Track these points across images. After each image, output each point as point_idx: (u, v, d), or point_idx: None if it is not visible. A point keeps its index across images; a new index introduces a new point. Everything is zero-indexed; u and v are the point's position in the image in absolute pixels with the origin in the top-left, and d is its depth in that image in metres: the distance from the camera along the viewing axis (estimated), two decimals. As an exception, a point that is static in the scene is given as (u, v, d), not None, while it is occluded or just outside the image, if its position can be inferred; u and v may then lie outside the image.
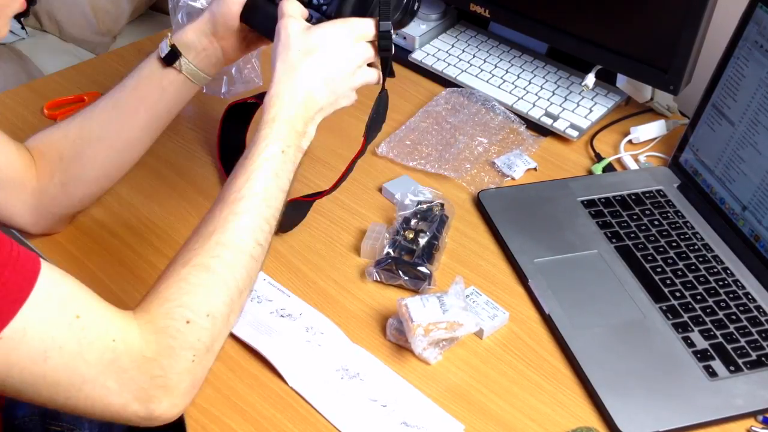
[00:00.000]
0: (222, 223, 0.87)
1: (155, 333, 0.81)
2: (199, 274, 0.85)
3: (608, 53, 1.38)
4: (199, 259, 0.85)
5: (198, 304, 0.83)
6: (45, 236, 1.15)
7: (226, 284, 0.86)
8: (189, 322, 0.82)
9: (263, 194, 0.90)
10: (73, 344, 0.77)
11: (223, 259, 0.86)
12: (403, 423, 0.96)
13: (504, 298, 1.11)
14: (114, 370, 0.78)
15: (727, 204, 1.22)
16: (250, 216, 0.88)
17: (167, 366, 0.81)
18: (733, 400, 1.00)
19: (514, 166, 1.31)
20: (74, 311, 0.77)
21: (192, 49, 1.06)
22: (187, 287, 0.84)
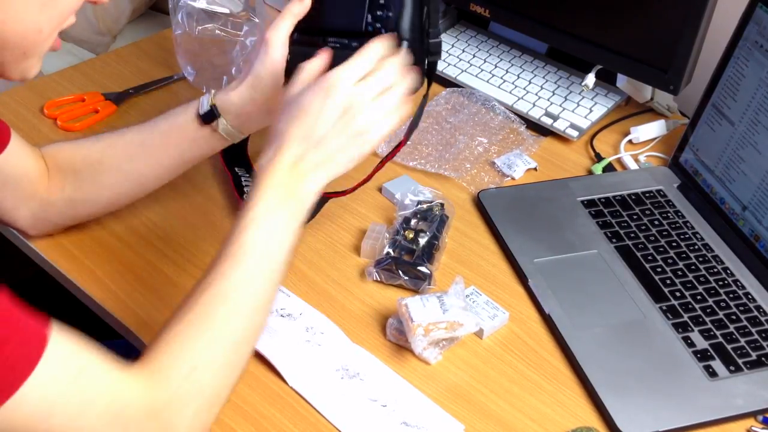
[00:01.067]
0: (217, 277, 0.86)
1: (160, 383, 0.80)
2: (199, 327, 0.84)
3: (608, 53, 1.38)
4: (193, 314, 0.84)
5: (197, 356, 0.83)
6: (45, 236, 1.15)
7: (223, 335, 0.85)
8: (190, 373, 0.82)
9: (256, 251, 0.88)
10: (78, 399, 0.76)
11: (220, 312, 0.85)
12: (403, 423, 0.96)
13: (504, 298, 1.11)
14: (120, 423, 0.78)
15: (727, 204, 1.22)
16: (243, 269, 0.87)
17: (176, 415, 0.81)
18: (733, 400, 1.00)
19: (514, 166, 1.31)
20: (78, 366, 0.76)
21: (233, 112, 1.04)
22: (185, 342, 0.83)
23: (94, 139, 1.10)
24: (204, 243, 1.16)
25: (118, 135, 1.09)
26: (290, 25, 1.01)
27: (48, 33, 0.82)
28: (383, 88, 0.93)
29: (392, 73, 0.94)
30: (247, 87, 1.03)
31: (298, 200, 0.91)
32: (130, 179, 1.10)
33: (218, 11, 1.38)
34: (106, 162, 1.08)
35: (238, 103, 1.04)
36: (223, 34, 1.37)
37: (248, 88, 1.03)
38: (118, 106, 1.40)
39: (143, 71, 1.49)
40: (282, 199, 0.89)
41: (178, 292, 1.08)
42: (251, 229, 0.88)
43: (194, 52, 1.39)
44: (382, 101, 0.93)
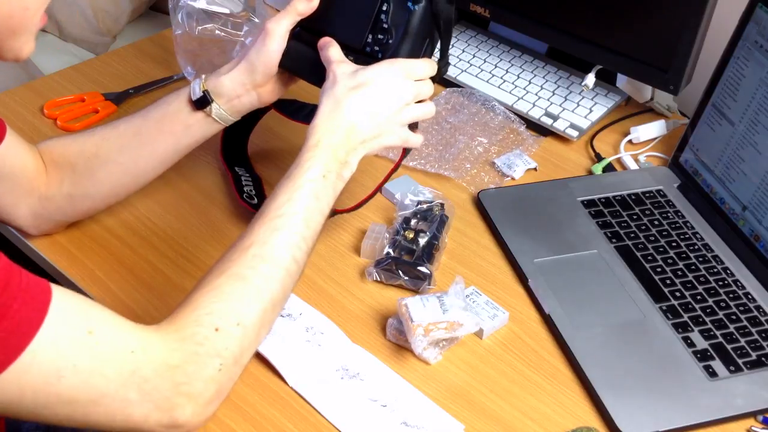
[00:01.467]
0: (260, 237, 0.88)
1: (181, 341, 0.80)
2: (233, 284, 0.85)
3: (608, 53, 1.38)
4: (234, 269, 0.86)
5: (228, 313, 0.83)
6: (45, 236, 1.15)
7: (260, 295, 0.86)
8: (218, 330, 0.82)
9: (303, 213, 0.91)
10: (87, 360, 0.75)
11: (259, 271, 0.86)
12: (403, 423, 0.96)
13: (504, 298, 1.11)
14: (135, 381, 0.77)
15: (727, 204, 1.22)
16: (289, 232, 0.89)
17: (192, 373, 0.80)
18: (733, 400, 1.00)
19: (514, 166, 1.31)
20: (86, 328, 0.76)
21: (225, 95, 1.06)
22: (219, 295, 0.84)
23: (88, 133, 1.11)
24: (204, 243, 1.17)
25: (112, 127, 1.10)
26: (292, 21, 1.05)
27: (35, 10, 0.82)
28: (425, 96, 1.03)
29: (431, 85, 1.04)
30: (240, 72, 1.06)
31: (345, 168, 0.96)
32: (126, 170, 1.10)
33: (218, 11, 1.38)
34: (102, 155, 1.08)
35: (230, 86, 1.06)
36: (223, 34, 1.37)
37: (240, 73, 1.06)
38: (118, 106, 1.40)
39: (143, 71, 1.49)
40: (334, 165, 0.94)
41: (178, 292, 1.08)
42: (305, 190, 0.92)
43: (194, 52, 1.39)
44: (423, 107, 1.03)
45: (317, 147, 0.94)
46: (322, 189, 0.93)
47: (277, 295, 0.87)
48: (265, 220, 0.89)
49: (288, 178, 0.92)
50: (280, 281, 0.88)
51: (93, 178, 1.09)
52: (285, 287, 0.88)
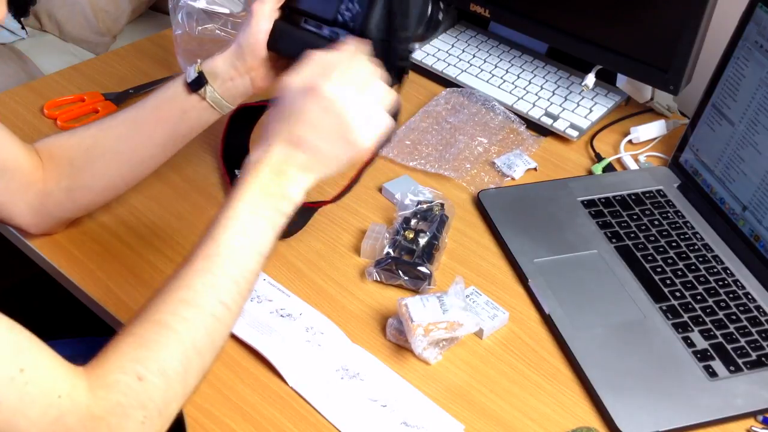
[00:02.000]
0: (184, 281, 0.83)
1: (105, 388, 0.77)
2: (153, 329, 0.80)
3: (608, 53, 1.38)
4: (157, 315, 0.81)
5: (150, 360, 0.79)
6: (45, 236, 1.15)
7: (181, 342, 0.81)
8: (141, 379, 0.78)
9: (229, 254, 0.84)
10: (15, 400, 0.72)
11: (181, 317, 0.81)
12: (403, 423, 0.96)
13: (504, 298, 1.11)
14: (58, 428, 0.74)
15: (727, 204, 1.22)
16: (213, 275, 0.84)
17: (116, 425, 0.76)
18: (733, 400, 1.00)
19: (514, 166, 1.31)
20: (18, 365, 0.73)
21: (219, 77, 1.05)
22: (141, 342, 0.80)
23: (84, 127, 1.10)
24: (204, 243, 1.16)
25: (110, 119, 1.09)
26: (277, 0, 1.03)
27: None
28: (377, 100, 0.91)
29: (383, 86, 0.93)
30: (231, 54, 1.05)
31: (280, 202, 0.88)
32: (125, 160, 1.09)
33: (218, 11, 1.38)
34: (100, 146, 1.08)
35: (223, 68, 1.05)
36: (223, 34, 1.37)
37: (231, 55, 1.05)
38: (118, 106, 1.39)
39: (143, 71, 1.49)
40: (265, 201, 0.87)
41: (178, 292, 1.08)
42: (229, 228, 0.85)
43: (194, 52, 1.39)
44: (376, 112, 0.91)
45: (243, 186, 0.87)
46: (251, 227, 0.86)
47: (202, 342, 0.82)
48: (190, 263, 0.84)
49: (215, 220, 0.86)
50: (205, 327, 0.82)
51: (91, 170, 1.08)
52: (212, 333, 0.83)
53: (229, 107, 1.08)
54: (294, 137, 0.88)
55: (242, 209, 0.86)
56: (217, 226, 0.85)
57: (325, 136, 0.89)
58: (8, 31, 1.88)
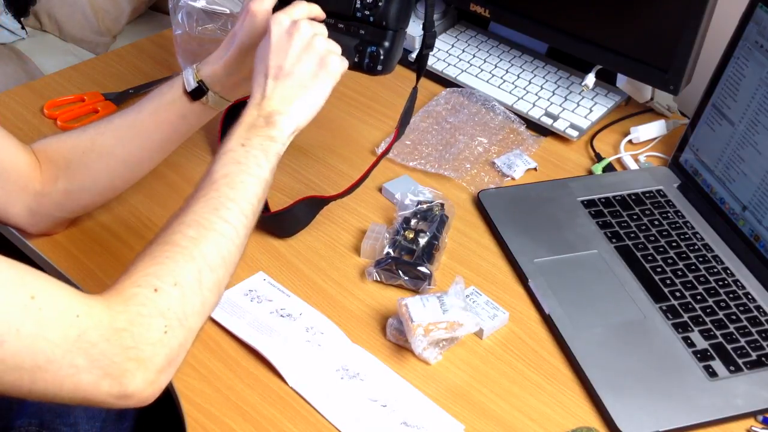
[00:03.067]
0: (184, 209, 0.89)
1: (124, 302, 0.79)
2: (162, 248, 0.85)
3: (608, 53, 1.38)
4: (163, 237, 0.86)
5: (164, 273, 0.82)
6: (44, 236, 1.15)
7: (191, 255, 0.85)
8: (157, 290, 0.81)
9: (224, 179, 0.90)
10: (32, 325, 0.74)
11: (186, 235, 0.86)
12: (403, 423, 0.96)
13: (504, 298, 1.11)
14: (82, 346, 0.76)
15: (727, 204, 1.22)
16: (211, 198, 0.89)
17: (138, 335, 0.78)
18: (733, 400, 1.00)
19: (514, 166, 1.31)
20: (28, 293, 0.75)
21: (220, 83, 1.06)
22: (152, 260, 0.83)
23: (82, 129, 1.10)
24: (204, 243, 1.16)
25: (107, 121, 1.10)
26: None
27: None
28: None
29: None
30: (232, 58, 1.05)
31: (272, 130, 0.95)
32: (122, 162, 1.09)
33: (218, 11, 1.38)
34: (97, 148, 1.08)
35: (224, 73, 1.06)
36: (223, 34, 1.37)
37: (232, 59, 1.05)
38: (118, 106, 1.40)
39: (143, 71, 1.49)
40: (254, 132, 0.94)
41: (178, 292, 1.08)
42: (223, 159, 0.92)
43: (194, 52, 1.39)
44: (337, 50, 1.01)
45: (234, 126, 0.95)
46: (243, 155, 0.92)
47: (212, 256, 0.86)
48: (190, 195, 0.90)
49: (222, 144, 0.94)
50: (212, 242, 0.86)
51: (88, 171, 1.08)
52: (220, 248, 0.87)
53: (227, 103, 1.09)
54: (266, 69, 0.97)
55: (234, 143, 0.93)
56: (212, 163, 0.93)
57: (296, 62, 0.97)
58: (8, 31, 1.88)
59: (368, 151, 1.33)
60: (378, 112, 1.42)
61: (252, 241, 1.17)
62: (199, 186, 0.91)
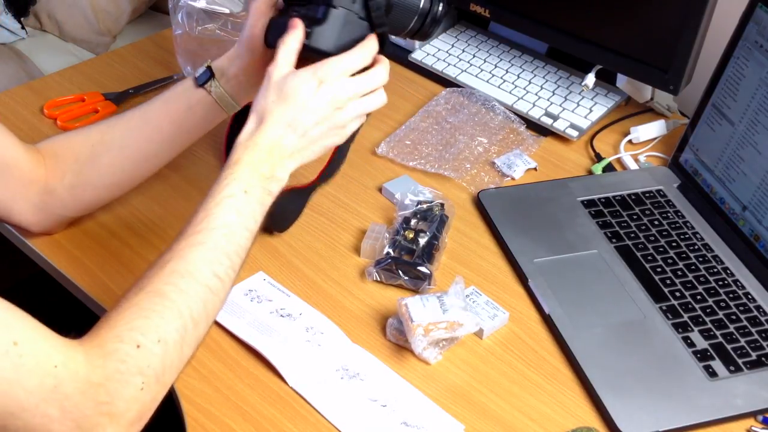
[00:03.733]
0: (178, 253, 0.86)
1: (103, 357, 0.78)
2: (151, 299, 0.82)
3: (608, 53, 1.38)
4: (153, 286, 0.83)
5: (149, 328, 0.81)
6: (45, 236, 1.15)
7: (179, 311, 0.83)
8: (139, 347, 0.79)
9: (223, 229, 0.88)
10: (10, 371, 0.73)
11: (177, 287, 0.84)
12: (403, 423, 0.96)
13: (504, 298, 1.11)
14: (56, 398, 0.75)
15: (727, 204, 1.22)
16: (207, 248, 0.87)
17: (114, 391, 0.78)
18: (733, 400, 1.00)
19: (514, 166, 1.31)
20: (11, 338, 0.74)
21: (225, 74, 1.05)
22: (139, 311, 0.81)
23: (93, 125, 1.11)
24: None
25: (119, 115, 1.10)
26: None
27: None
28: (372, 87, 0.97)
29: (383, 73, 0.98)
30: (234, 53, 1.06)
31: (272, 183, 0.92)
32: (130, 156, 1.09)
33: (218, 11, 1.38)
34: (107, 140, 1.08)
35: (228, 66, 1.06)
36: (223, 34, 1.37)
37: (234, 53, 1.06)
38: (118, 106, 1.40)
39: (143, 71, 1.49)
40: (257, 180, 0.91)
41: (178, 292, 1.08)
42: (223, 205, 0.89)
43: (194, 52, 1.39)
44: (369, 100, 0.97)
45: (237, 164, 0.91)
46: (244, 205, 0.90)
47: (198, 312, 0.84)
48: (184, 236, 0.87)
49: (207, 197, 0.90)
50: (200, 297, 0.85)
51: (96, 165, 1.08)
52: (206, 304, 0.85)
53: (234, 106, 1.08)
54: (290, 119, 0.93)
55: (236, 187, 0.90)
56: (211, 201, 0.89)
57: (319, 127, 0.94)
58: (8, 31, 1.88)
59: (368, 151, 1.33)
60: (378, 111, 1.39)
61: (252, 241, 1.17)
62: (197, 223, 0.88)
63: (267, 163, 0.92)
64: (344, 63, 0.95)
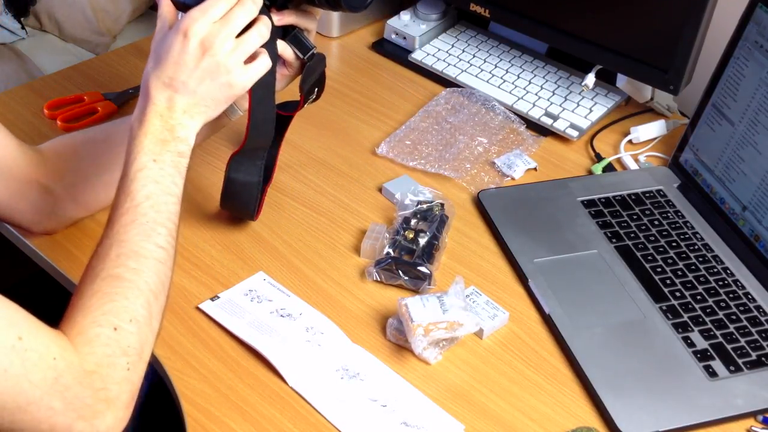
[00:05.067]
0: (116, 237, 0.87)
1: (89, 344, 0.80)
2: (111, 283, 0.84)
3: (608, 53, 1.38)
4: (106, 272, 0.85)
5: (119, 310, 0.83)
6: (45, 236, 1.15)
7: (139, 289, 0.85)
8: (116, 329, 0.82)
9: (147, 201, 0.89)
10: (18, 365, 0.75)
11: (129, 267, 0.86)
12: (403, 423, 0.96)
13: (504, 298, 1.11)
14: (58, 389, 0.77)
15: (727, 204, 1.22)
16: (140, 223, 0.88)
17: (106, 376, 0.80)
18: (733, 400, 1.00)
19: (514, 166, 1.31)
20: (16, 333, 0.76)
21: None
22: (104, 297, 0.83)
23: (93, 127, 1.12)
24: (203, 242, 1.16)
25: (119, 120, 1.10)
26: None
27: None
28: (240, 27, 0.95)
29: (248, 13, 0.96)
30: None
31: (177, 144, 0.93)
32: None
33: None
34: (110, 138, 1.08)
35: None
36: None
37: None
38: (118, 106, 1.40)
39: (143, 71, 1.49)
40: (160, 147, 0.92)
41: (176, 290, 1.08)
42: (139, 179, 0.90)
43: (194, 52, 1.39)
44: (243, 41, 0.95)
45: (137, 138, 0.92)
46: (158, 173, 0.91)
47: (155, 284, 0.87)
48: (115, 219, 0.89)
49: (122, 177, 0.91)
50: (152, 271, 0.87)
51: (96, 162, 1.08)
52: (159, 275, 0.88)
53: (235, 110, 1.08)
54: (167, 79, 0.93)
55: (144, 159, 0.91)
56: (126, 180, 0.90)
57: (198, 77, 0.94)
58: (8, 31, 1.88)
59: (368, 151, 1.33)
60: (378, 112, 1.42)
61: (252, 241, 1.17)
62: (121, 205, 0.89)
63: (163, 127, 0.93)
64: (205, 9, 0.93)
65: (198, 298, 1.09)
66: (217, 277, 1.12)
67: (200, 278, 1.12)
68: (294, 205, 1.23)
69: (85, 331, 0.81)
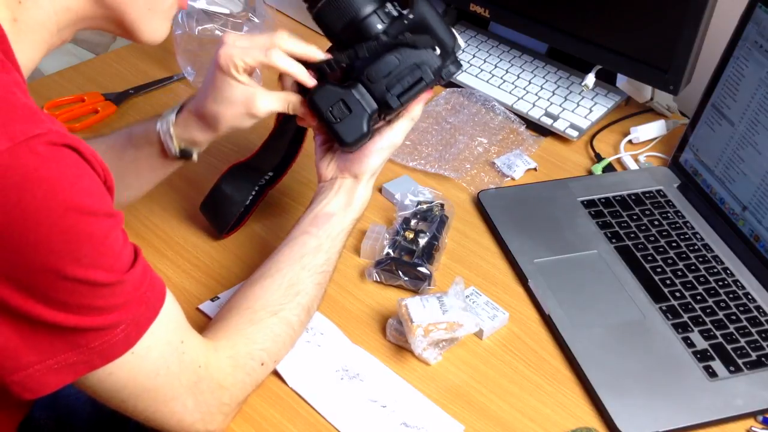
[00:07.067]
0: (307, 287, 0.97)
1: (235, 367, 0.90)
2: (283, 328, 0.95)
3: (608, 53, 1.38)
4: (284, 313, 0.95)
5: (276, 353, 0.95)
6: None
7: (293, 341, 0.97)
8: (263, 365, 0.93)
9: (333, 269, 1.02)
10: (176, 366, 0.83)
11: (302, 321, 0.97)
12: (403, 423, 0.96)
13: (504, 299, 1.11)
14: (195, 392, 0.85)
15: (727, 204, 1.22)
16: (323, 288, 1.00)
17: (234, 396, 0.90)
18: (733, 400, 1.00)
19: (514, 166, 1.31)
20: (181, 335, 0.84)
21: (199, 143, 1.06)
22: (274, 337, 0.94)
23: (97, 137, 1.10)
24: (204, 244, 1.17)
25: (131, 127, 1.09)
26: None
27: None
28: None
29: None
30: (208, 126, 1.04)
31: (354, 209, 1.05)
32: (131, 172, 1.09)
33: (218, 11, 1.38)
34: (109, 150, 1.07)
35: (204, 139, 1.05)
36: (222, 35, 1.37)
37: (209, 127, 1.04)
38: (118, 106, 1.40)
39: (143, 71, 1.49)
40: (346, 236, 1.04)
41: (178, 293, 1.08)
42: (334, 254, 1.01)
43: (194, 52, 1.39)
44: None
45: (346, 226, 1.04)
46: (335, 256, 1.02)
47: (302, 329, 0.99)
48: (312, 271, 0.98)
49: (329, 237, 1.01)
50: (307, 319, 0.99)
51: None
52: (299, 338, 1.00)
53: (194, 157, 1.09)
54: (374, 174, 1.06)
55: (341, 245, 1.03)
56: (327, 246, 1.01)
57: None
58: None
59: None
60: (378, 112, 1.42)
61: (252, 242, 1.17)
62: (322, 265, 1.00)
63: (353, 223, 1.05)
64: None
65: (198, 299, 1.09)
66: (217, 277, 1.12)
67: (200, 279, 1.12)
68: (294, 206, 1.23)
69: (239, 357, 0.90)
